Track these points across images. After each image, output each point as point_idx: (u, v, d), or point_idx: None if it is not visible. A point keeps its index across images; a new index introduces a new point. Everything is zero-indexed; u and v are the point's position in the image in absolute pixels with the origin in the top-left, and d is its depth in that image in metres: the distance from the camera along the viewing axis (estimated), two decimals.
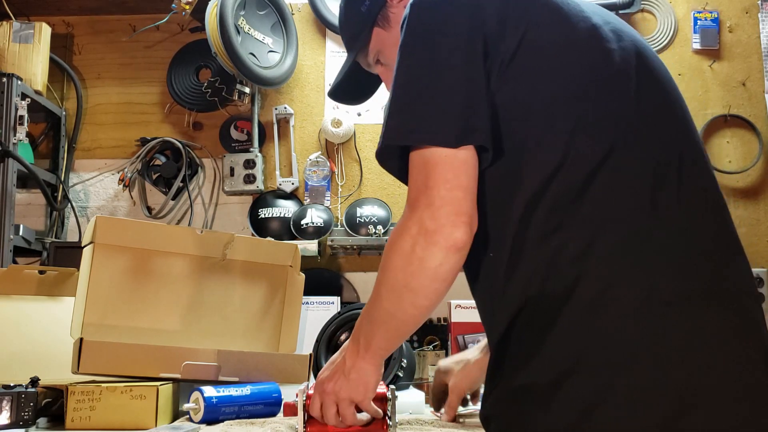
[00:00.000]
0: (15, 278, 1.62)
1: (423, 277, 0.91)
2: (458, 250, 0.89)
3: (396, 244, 0.93)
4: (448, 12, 0.94)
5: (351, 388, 1.07)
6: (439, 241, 0.89)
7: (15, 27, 2.29)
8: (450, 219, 0.88)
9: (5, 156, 2.10)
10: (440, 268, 0.90)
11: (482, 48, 0.91)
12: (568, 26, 0.95)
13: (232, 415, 1.35)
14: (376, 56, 1.22)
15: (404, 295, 0.93)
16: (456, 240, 0.89)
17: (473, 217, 0.90)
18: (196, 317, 1.58)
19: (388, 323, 0.99)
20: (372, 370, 1.05)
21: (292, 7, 2.45)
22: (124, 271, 1.50)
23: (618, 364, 0.82)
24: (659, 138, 0.93)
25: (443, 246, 0.89)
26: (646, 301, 0.84)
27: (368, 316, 1.02)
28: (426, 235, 0.89)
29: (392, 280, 0.94)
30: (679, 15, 2.43)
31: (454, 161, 0.89)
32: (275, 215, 2.32)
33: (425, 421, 1.37)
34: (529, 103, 0.91)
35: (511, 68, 0.91)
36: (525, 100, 0.91)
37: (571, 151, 0.89)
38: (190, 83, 2.47)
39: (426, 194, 0.90)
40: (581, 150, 0.89)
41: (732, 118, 2.37)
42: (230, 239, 1.63)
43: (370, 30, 1.20)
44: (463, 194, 0.89)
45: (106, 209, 2.45)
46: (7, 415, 1.29)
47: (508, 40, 0.92)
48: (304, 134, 2.42)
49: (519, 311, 0.89)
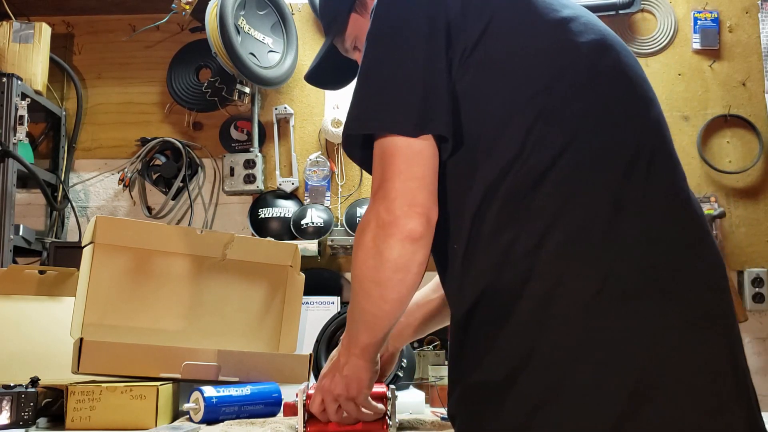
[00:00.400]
0: (15, 278, 1.62)
1: (385, 269, 0.91)
2: (414, 241, 0.89)
3: (358, 238, 0.94)
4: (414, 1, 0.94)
5: (345, 384, 1.07)
6: (394, 233, 0.89)
7: (15, 27, 2.29)
8: (403, 210, 0.88)
9: (5, 156, 2.10)
10: (400, 259, 0.90)
11: (445, 36, 0.92)
12: (534, 17, 0.94)
13: (232, 415, 1.35)
14: (354, 42, 1.22)
15: (372, 290, 0.94)
16: (411, 231, 0.89)
17: (429, 207, 0.90)
18: (196, 317, 1.58)
19: (365, 319, 0.99)
20: (364, 365, 1.05)
21: (292, 7, 2.45)
22: (124, 271, 1.50)
23: (566, 361, 0.81)
24: (624, 133, 0.92)
25: (399, 238, 0.89)
26: (598, 296, 0.83)
27: (350, 314, 1.03)
28: (383, 227, 0.90)
29: (360, 275, 0.95)
30: (679, 15, 2.43)
31: (409, 152, 0.89)
32: (275, 215, 2.32)
33: (425, 420, 1.37)
34: (488, 95, 0.91)
35: (473, 57, 0.91)
36: (484, 91, 0.91)
37: (528, 144, 0.88)
38: (190, 83, 2.47)
39: (383, 186, 0.90)
40: (538, 144, 0.88)
41: (732, 118, 2.37)
42: (230, 239, 1.63)
43: (347, 15, 1.19)
44: (417, 185, 0.89)
45: (106, 209, 2.45)
46: (7, 415, 1.29)
47: (472, 28, 0.92)
48: (304, 134, 2.42)
49: (474, 306, 0.89)
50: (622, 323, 0.82)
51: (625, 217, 0.87)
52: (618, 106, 0.94)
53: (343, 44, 1.23)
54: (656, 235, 0.87)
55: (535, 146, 0.88)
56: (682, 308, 0.85)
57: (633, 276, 0.84)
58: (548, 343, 0.82)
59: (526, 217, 0.87)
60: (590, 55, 0.94)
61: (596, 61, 0.94)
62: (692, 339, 0.84)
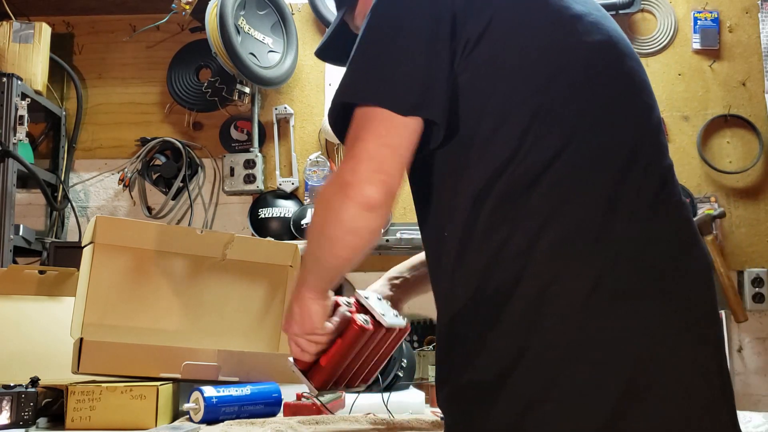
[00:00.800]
0: (15, 278, 1.62)
1: (337, 228, 0.90)
2: (371, 209, 0.87)
3: (322, 190, 0.93)
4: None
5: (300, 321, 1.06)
6: (353, 196, 0.87)
7: (15, 27, 2.30)
8: (367, 174, 0.86)
9: (5, 156, 2.11)
10: (353, 222, 0.89)
11: (450, 26, 0.90)
12: (537, 16, 0.93)
13: (232, 415, 1.35)
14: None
15: (323, 243, 0.94)
16: (369, 197, 0.87)
17: (395, 177, 0.88)
18: (196, 317, 1.58)
19: (317, 265, 0.99)
20: (313, 298, 1.03)
21: (292, 7, 2.45)
22: (124, 271, 1.50)
23: (561, 360, 0.81)
24: (622, 134, 0.91)
25: (356, 201, 0.87)
26: (591, 295, 0.82)
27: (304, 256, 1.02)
28: (343, 187, 0.88)
29: (313, 225, 0.94)
30: (679, 15, 2.43)
31: (393, 120, 0.87)
32: (275, 215, 2.32)
33: (425, 420, 1.37)
34: (486, 93, 0.90)
35: (475, 52, 0.90)
36: (484, 88, 0.90)
37: (524, 145, 0.87)
38: (191, 83, 2.47)
39: (354, 146, 0.88)
40: (535, 145, 0.87)
41: (732, 118, 2.37)
42: (230, 239, 1.63)
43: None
44: (390, 152, 0.87)
45: (106, 209, 2.45)
46: (7, 415, 1.29)
47: (475, 22, 0.90)
48: (304, 134, 2.42)
49: (466, 305, 0.88)
50: (622, 323, 0.82)
51: (620, 217, 0.86)
52: (617, 106, 0.93)
53: (353, 21, 1.21)
54: (653, 236, 0.87)
55: (531, 147, 0.87)
56: (682, 309, 0.85)
57: (631, 275, 0.84)
58: (542, 342, 0.82)
59: (520, 216, 0.86)
60: (591, 54, 0.93)
61: (596, 61, 0.94)
62: (692, 339, 0.84)
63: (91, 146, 2.49)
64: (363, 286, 1.99)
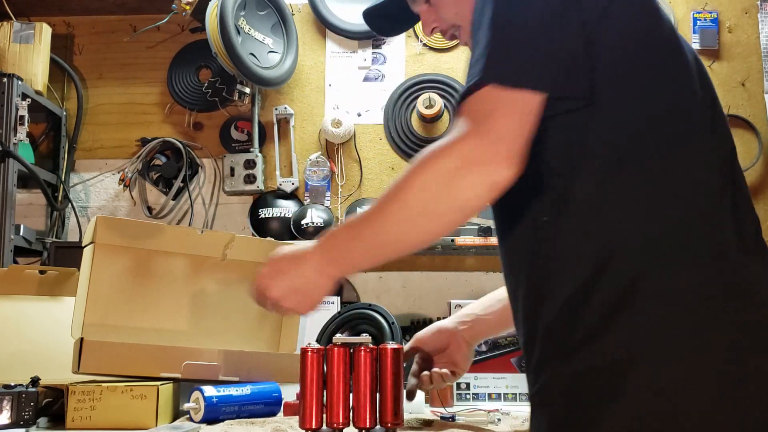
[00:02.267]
0: (15, 278, 1.62)
1: (447, 205, 0.84)
2: (497, 190, 0.83)
3: (429, 164, 0.85)
4: None
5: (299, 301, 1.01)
6: (482, 173, 0.82)
7: (15, 27, 2.30)
8: (505, 155, 0.81)
9: (6, 156, 2.11)
10: (470, 202, 0.84)
11: None
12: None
13: (233, 415, 1.35)
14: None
15: (417, 219, 0.86)
16: (500, 181, 0.82)
17: (524, 163, 0.83)
18: (197, 317, 1.58)
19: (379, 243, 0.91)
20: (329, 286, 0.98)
21: (292, 7, 2.45)
22: (125, 271, 1.51)
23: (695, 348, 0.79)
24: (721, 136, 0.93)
25: (485, 181, 0.82)
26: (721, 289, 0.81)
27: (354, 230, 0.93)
28: (471, 164, 0.82)
29: (411, 199, 0.86)
30: (678, 15, 2.43)
31: (526, 106, 0.83)
32: (275, 215, 2.33)
33: (425, 420, 1.37)
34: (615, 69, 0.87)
35: (604, 22, 0.87)
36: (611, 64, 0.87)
37: (651, 131, 0.86)
38: (191, 83, 2.47)
39: (487, 121, 0.82)
40: (659, 134, 0.86)
41: (731, 118, 2.36)
42: (230, 239, 1.63)
43: None
44: (526, 139, 0.83)
45: (107, 209, 2.45)
46: (8, 414, 1.30)
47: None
48: (304, 134, 2.43)
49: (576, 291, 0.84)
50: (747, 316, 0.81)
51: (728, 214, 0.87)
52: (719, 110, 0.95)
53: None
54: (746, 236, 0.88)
55: (654, 138, 0.86)
56: None
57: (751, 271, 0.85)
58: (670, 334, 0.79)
59: (641, 209, 0.84)
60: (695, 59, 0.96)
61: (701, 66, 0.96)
62: None
63: (91, 146, 2.49)
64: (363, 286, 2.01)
